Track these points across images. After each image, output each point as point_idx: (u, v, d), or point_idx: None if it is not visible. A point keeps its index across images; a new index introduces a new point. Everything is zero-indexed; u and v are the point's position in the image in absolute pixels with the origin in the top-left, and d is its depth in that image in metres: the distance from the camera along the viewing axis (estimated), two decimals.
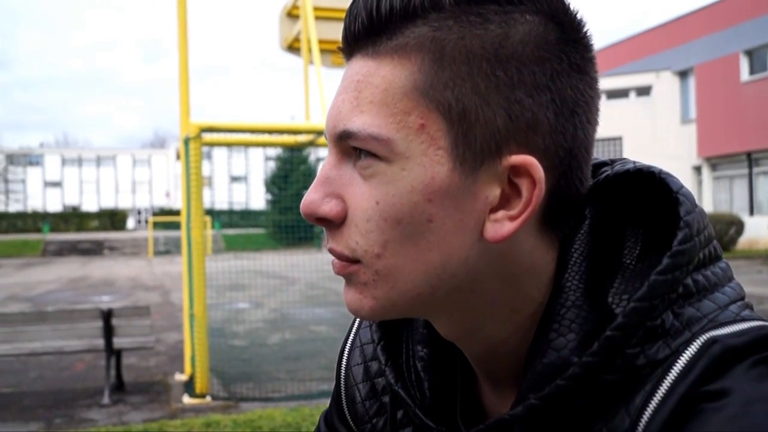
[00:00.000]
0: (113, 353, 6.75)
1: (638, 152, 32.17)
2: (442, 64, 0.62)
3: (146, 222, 78.89)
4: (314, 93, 8.82)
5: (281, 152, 30.12)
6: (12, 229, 62.66)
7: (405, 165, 0.62)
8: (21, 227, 63.16)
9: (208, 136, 6.97)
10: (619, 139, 32.63)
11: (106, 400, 6.50)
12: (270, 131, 7.02)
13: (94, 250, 48.04)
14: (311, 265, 10.15)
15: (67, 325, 6.72)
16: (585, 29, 0.66)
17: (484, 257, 0.64)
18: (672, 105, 32.00)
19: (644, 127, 32.00)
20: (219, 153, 73.48)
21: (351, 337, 0.90)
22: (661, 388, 0.58)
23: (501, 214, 0.63)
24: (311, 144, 7.51)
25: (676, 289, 0.60)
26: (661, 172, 0.65)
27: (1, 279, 25.66)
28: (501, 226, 0.63)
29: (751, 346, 0.58)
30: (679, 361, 0.58)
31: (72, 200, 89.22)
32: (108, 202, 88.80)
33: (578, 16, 0.65)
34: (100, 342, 6.66)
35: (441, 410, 0.74)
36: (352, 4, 0.66)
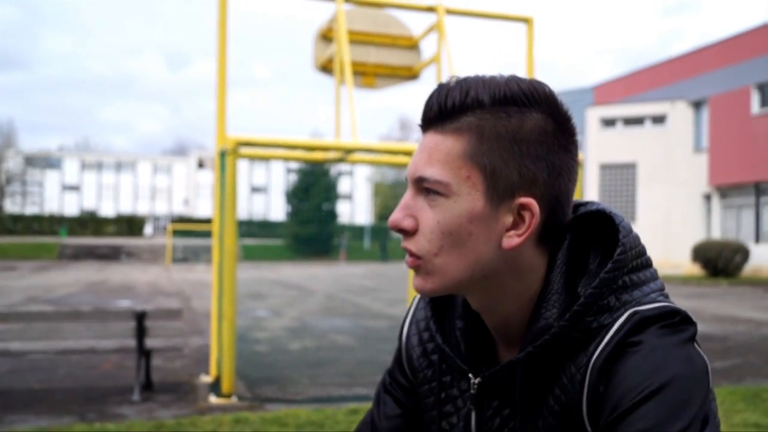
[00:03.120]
0: (144, 353, 7.05)
1: (652, 178, 32.61)
2: (482, 140, 1.03)
3: (164, 229, 79.55)
4: (344, 112, 9.15)
5: (303, 165, 30.45)
6: (28, 231, 63.30)
7: (456, 200, 1.04)
8: (37, 230, 63.78)
9: (243, 150, 7.28)
10: (634, 165, 33.15)
11: (136, 397, 6.79)
12: (304, 148, 7.34)
13: (111, 255, 48.50)
14: (329, 277, 10.40)
15: (101, 324, 7.04)
16: (571, 122, 1.09)
17: (501, 259, 1.06)
18: (685, 134, 32.81)
19: (658, 154, 32.69)
20: (241, 163, 74.09)
21: (409, 317, 1.31)
22: (605, 340, 1.00)
23: (512, 232, 1.04)
24: (341, 160, 7.81)
25: (616, 282, 1.02)
26: (611, 211, 1.09)
27: (18, 281, 26.09)
28: (512, 240, 1.04)
29: (659, 316, 1.00)
30: (615, 324, 1.00)
31: (90, 205, 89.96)
32: (126, 208, 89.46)
33: (568, 114, 1.08)
34: (132, 342, 6.96)
35: (472, 362, 1.15)
36: (429, 97, 1.08)
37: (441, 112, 1.05)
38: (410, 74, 10.21)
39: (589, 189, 34.35)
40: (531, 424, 1.07)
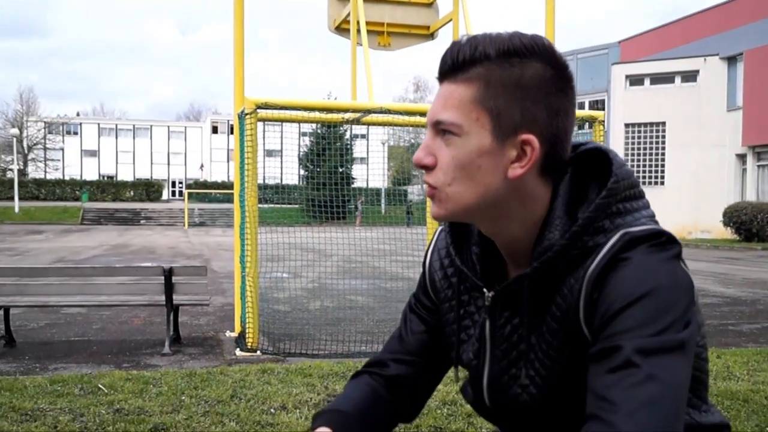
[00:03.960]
0: (172, 308, 7.37)
1: (681, 138, 31.50)
2: (489, 87, 1.22)
3: (180, 193, 80.00)
4: (361, 73, 9.32)
5: (318, 128, 30.52)
6: (51, 196, 63.99)
7: (468, 138, 1.23)
8: (59, 195, 64.46)
9: (261, 112, 7.49)
10: (663, 123, 32.16)
11: (166, 349, 7.13)
12: (321, 109, 7.55)
13: (131, 219, 49.06)
14: (346, 240, 10.54)
15: (132, 282, 7.36)
16: (568, 69, 1.27)
17: (508, 187, 1.24)
18: (718, 91, 31.52)
19: (689, 113, 31.50)
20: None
21: (432, 246, 1.55)
22: (599, 256, 1.19)
23: (516, 164, 1.23)
24: (357, 122, 8.02)
25: (610, 208, 1.21)
26: (606, 148, 1.29)
27: (46, 243, 26.62)
28: (516, 170, 1.23)
29: (648, 236, 1.18)
30: (608, 243, 1.19)
31: (108, 170, 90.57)
32: (143, 173, 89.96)
33: (565, 63, 1.26)
34: (161, 298, 7.29)
35: (486, 280, 1.37)
36: (444, 53, 1.27)
37: (454, 65, 1.24)
38: (426, 34, 10.30)
39: (614, 148, 33.40)
40: (536, 329, 1.29)
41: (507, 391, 1.36)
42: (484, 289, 1.36)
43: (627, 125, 33.02)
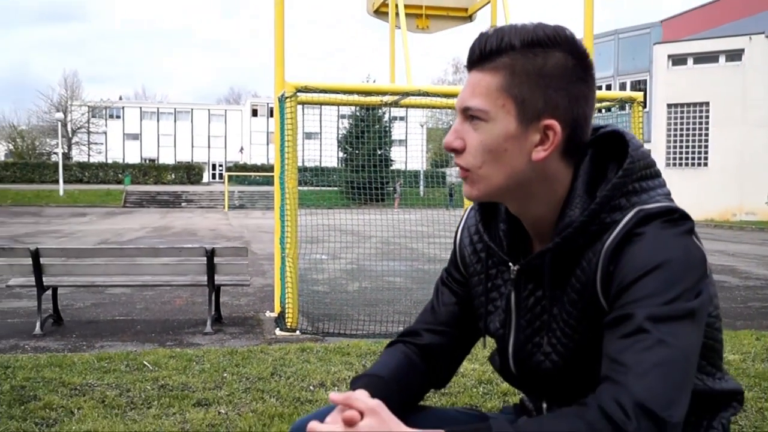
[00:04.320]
0: (214, 288, 7.52)
1: (725, 119, 30.89)
2: (513, 76, 1.31)
3: (220, 176, 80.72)
4: (399, 56, 9.36)
5: (357, 110, 30.54)
6: (94, 179, 65.05)
7: (494, 123, 1.32)
8: (102, 178, 65.50)
9: (301, 96, 7.57)
10: (706, 104, 31.68)
11: (208, 328, 7.29)
12: (360, 92, 7.61)
13: (173, 201, 49.72)
14: (384, 223, 10.60)
15: (175, 263, 7.53)
16: (588, 58, 1.35)
17: (532, 169, 1.34)
18: (764, 70, 30.87)
19: (733, 93, 30.97)
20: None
21: (462, 223, 1.66)
22: (615, 231, 1.28)
23: (539, 148, 1.32)
24: (395, 105, 8.07)
25: (626, 187, 1.30)
26: (623, 131, 1.37)
27: (90, 226, 27.16)
28: (539, 153, 1.32)
29: (661, 213, 1.26)
30: (624, 219, 1.27)
31: (150, 153, 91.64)
32: (184, 156, 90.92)
33: (585, 52, 1.35)
34: (203, 278, 7.44)
35: (512, 255, 1.47)
36: (472, 43, 1.36)
37: (481, 55, 1.34)
38: (465, 16, 10.28)
39: (656, 129, 33.16)
40: (558, 300, 1.39)
41: (531, 358, 1.46)
42: (510, 263, 1.46)
43: (669, 106, 32.64)
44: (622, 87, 37.46)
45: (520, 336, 1.48)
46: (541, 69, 1.30)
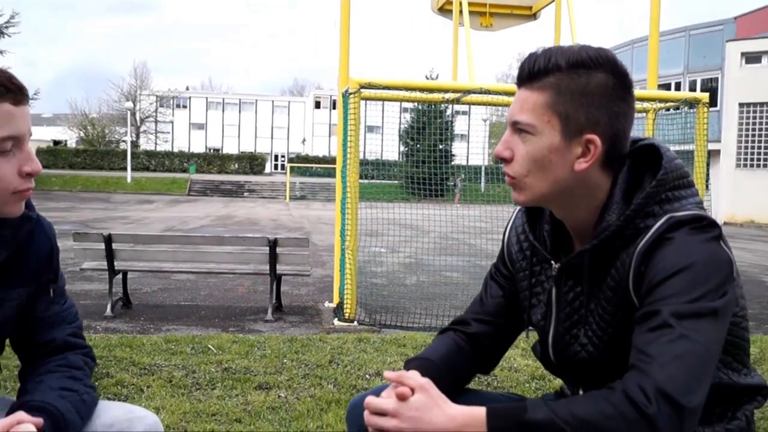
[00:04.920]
0: (276, 278, 7.75)
1: None
2: (559, 94, 1.45)
3: (282, 167, 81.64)
4: (462, 53, 9.44)
5: (418, 104, 30.56)
6: (160, 167, 66.50)
7: (540, 137, 1.47)
8: (168, 166, 66.90)
9: (365, 92, 7.73)
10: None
11: (269, 316, 7.52)
12: (423, 89, 7.74)
13: (235, 191, 50.45)
14: (444, 218, 10.67)
15: (238, 251, 7.79)
16: (628, 78, 1.48)
17: (574, 179, 1.48)
18: None
19: None
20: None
21: (510, 224, 1.83)
22: (648, 235, 1.41)
23: (581, 159, 1.47)
24: (457, 102, 8.16)
25: (659, 196, 1.44)
26: (659, 145, 1.51)
27: (156, 213, 27.88)
28: (581, 164, 1.47)
29: (690, 220, 1.40)
30: (656, 225, 1.41)
31: (214, 143, 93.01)
32: (247, 146, 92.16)
33: (626, 72, 1.48)
34: (265, 267, 7.67)
35: (554, 254, 1.63)
36: (521, 63, 1.53)
37: (530, 74, 1.49)
38: (529, 14, 10.31)
39: (727, 129, 32.40)
40: (594, 296, 1.54)
41: (568, 348, 1.61)
42: (552, 261, 1.62)
43: (741, 105, 31.90)
44: (692, 85, 36.59)
45: (559, 328, 1.64)
46: (585, 88, 1.44)
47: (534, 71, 1.48)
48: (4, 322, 1.65)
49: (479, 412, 1.35)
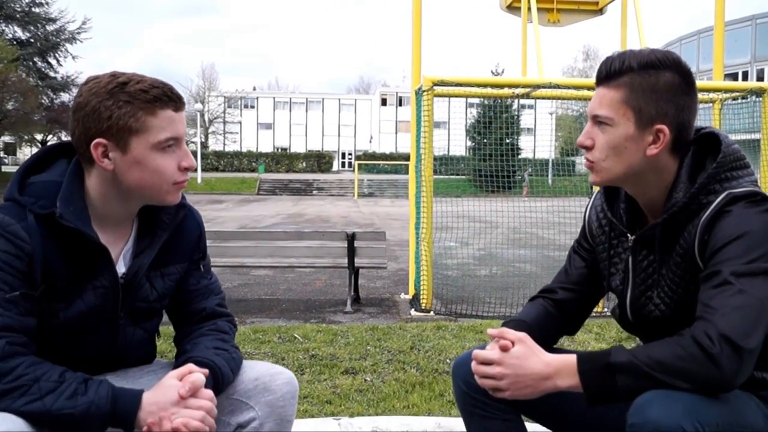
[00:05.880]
0: (354, 270, 8.05)
1: None
2: (632, 91, 1.73)
3: (350, 165, 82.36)
4: (530, 49, 9.58)
5: (485, 99, 30.57)
6: (229, 167, 67.82)
7: (617, 127, 1.75)
8: (237, 166, 68.16)
9: (438, 89, 7.95)
10: None
11: (348, 308, 7.82)
12: (493, 85, 7.93)
13: (304, 189, 51.17)
14: (513, 211, 10.79)
15: (318, 243, 8.11)
16: (691, 75, 1.71)
17: (646, 162, 1.76)
18: None
19: None
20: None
21: (590, 204, 2.09)
22: (710, 209, 1.68)
23: (652, 146, 1.75)
24: (527, 96, 8.32)
25: (720, 176, 1.70)
26: (718, 132, 1.71)
27: (227, 212, 28.57)
28: (652, 150, 1.75)
29: (746, 195, 1.67)
30: (717, 200, 1.68)
31: (282, 142, 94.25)
32: (315, 145, 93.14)
33: (688, 70, 1.76)
34: (344, 260, 7.97)
35: (630, 228, 1.91)
36: (600, 64, 1.80)
37: (607, 74, 1.78)
38: (595, 9, 10.39)
39: None
40: (665, 263, 1.81)
41: (644, 308, 1.88)
42: (628, 234, 1.90)
43: None
44: (760, 74, 35.71)
45: (635, 291, 1.90)
46: (654, 85, 1.72)
47: (611, 72, 1.76)
48: (166, 293, 1.97)
49: (570, 358, 1.66)
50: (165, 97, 1.76)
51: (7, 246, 1.65)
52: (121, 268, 1.85)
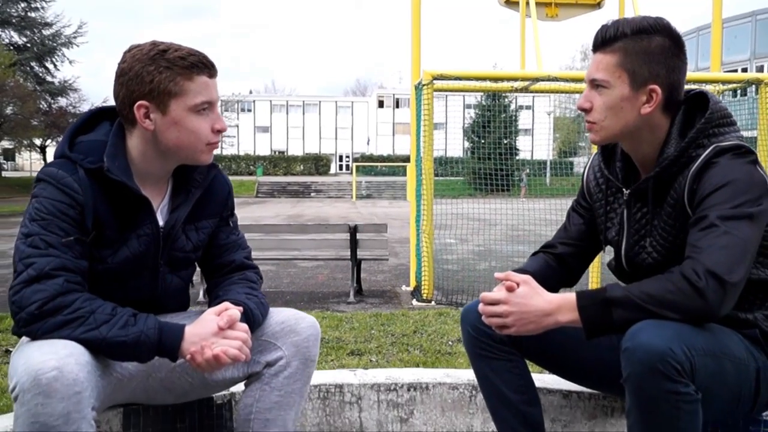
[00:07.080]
0: (356, 262, 8.18)
1: None
2: (626, 55, 1.88)
3: (347, 167, 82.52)
4: (529, 44, 9.72)
5: (482, 100, 30.68)
6: (227, 171, 67.95)
7: (613, 89, 1.90)
8: (235, 170, 68.31)
9: (437, 83, 8.07)
10: None
11: (351, 298, 7.96)
12: (492, 78, 8.06)
13: (302, 192, 51.26)
14: (511, 211, 10.91)
15: (321, 236, 8.24)
16: (681, 39, 1.87)
17: (641, 120, 1.91)
18: None
19: None
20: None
21: (588, 163, 2.24)
22: (698, 162, 1.84)
23: (646, 105, 1.89)
24: (526, 90, 8.46)
25: (707, 131, 1.87)
26: (706, 92, 1.88)
27: None
28: (645, 109, 1.90)
29: (731, 148, 1.83)
30: (704, 153, 1.84)
31: (279, 145, 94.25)
32: (312, 148, 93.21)
33: (678, 35, 1.91)
34: (346, 252, 8.11)
35: (625, 183, 2.06)
36: (596, 32, 1.93)
37: (603, 41, 1.91)
38: (593, 3, 10.49)
39: None
40: (657, 213, 1.96)
41: (638, 256, 2.03)
42: (624, 189, 2.05)
43: None
44: (759, 70, 35.88)
45: (630, 241, 2.05)
46: (647, 49, 1.86)
47: (606, 38, 1.91)
48: (200, 244, 2.15)
49: (570, 295, 1.82)
50: (201, 64, 1.92)
51: (62, 197, 1.84)
52: (159, 221, 2.02)
